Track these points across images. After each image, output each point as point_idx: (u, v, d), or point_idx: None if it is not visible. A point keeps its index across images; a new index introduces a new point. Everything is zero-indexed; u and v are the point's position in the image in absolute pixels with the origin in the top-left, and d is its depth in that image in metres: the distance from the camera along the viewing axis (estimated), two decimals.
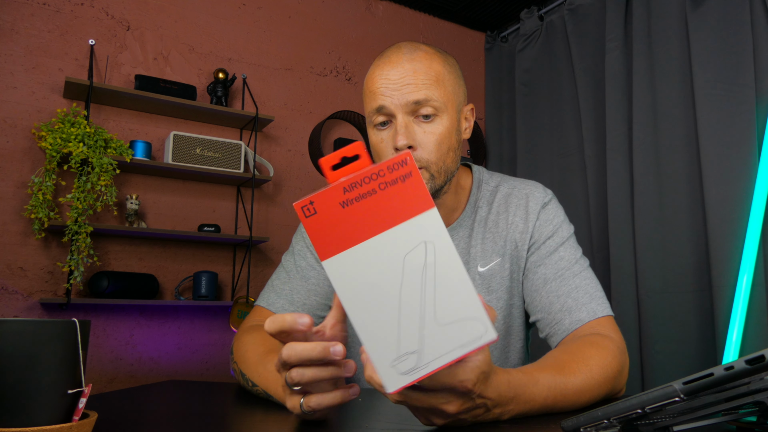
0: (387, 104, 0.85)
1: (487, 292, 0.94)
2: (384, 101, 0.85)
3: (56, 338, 0.49)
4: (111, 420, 0.63)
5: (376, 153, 0.90)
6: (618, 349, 0.81)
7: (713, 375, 0.42)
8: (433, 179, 0.87)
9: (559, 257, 0.92)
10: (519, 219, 0.95)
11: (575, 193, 2.71)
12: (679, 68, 2.27)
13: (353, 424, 0.61)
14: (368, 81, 0.89)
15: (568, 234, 0.95)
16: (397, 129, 0.84)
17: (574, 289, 0.88)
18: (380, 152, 0.88)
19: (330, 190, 0.46)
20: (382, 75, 0.86)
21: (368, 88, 0.88)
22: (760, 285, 1.93)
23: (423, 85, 0.84)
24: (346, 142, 2.89)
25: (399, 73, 0.85)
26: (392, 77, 0.85)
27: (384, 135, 0.87)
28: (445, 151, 0.87)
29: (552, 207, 0.97)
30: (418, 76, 0.84)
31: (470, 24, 3.41)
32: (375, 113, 0.87)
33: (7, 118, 2.19)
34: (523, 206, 0.96)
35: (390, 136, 0.86)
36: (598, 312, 0.86)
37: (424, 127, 0.86)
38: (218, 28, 2.67)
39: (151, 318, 2.39)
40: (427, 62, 0.86)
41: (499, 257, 0.95)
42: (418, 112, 0.85)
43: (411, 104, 0.84)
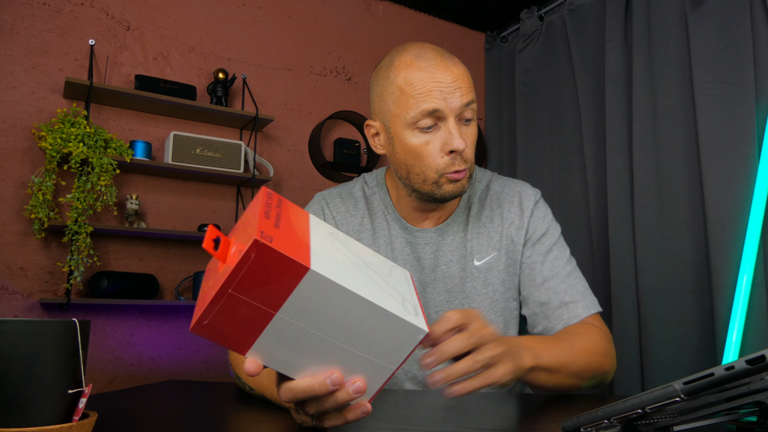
0: (442, 107, 0.86)
1: (483, 285, 0.98)
2: (439, 104, 0.85)
3: (56, 338, 0.49)
4: (111, 420, 0.63)
5: (415, 155, 0.89)
6: (605, 334, 0.93)
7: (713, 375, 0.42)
8: (471, 178, 0.93)
9: (554, 257, 0.98)
10: (514, 215, 1.01)
11: (575, 193, 2.71)
12: (679, 68, 2.27)
13: (353, 423, 0.61)
14: (410, 83, 0.87)
15: (558, 233, 1.02)
16: (453, 132, 0.86)
17: (570, 286, 0.96)
18: (426, 154, 0.88)
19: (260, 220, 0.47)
20: (433, 78, 0.86)
21: (412, 90, 0.87)
22: (760, 285, 1.93)
23: (469, 89, 0.88)
24: (346, 142, 2.89)
25: (450, 77, 0.86)
26: (445, 80, 0.86)
27: (429, 137, 0.88)
28: (475, 152, 0.93)
29: (542, 205, 1.04)
30: (465, 80, 0.88)
31: (470, 24, 3.41)
32: (425, 116, 0.86)
33: (7, 118, 2.19)
34: (516, 203, 1.02)
35: (439, 138, 0.87)
36: (591, 308, 0.95)
37: (465, 129, 0.89)
38: (218, 28, 2.67)
39: (151, 318, 2.39)
40: (465, 67, 0.90)
41: (495, 251, 0.99)
42: (462, 115, 0.88)
43: (462, 108, 0.87)
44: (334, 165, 2.85)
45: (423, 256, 1.00)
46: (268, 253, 0.44)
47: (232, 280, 0.45)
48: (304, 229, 0.52)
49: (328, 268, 0.47)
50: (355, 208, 1.04)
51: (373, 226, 1.02)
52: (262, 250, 0.44)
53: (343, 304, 0.47)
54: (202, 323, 0.46)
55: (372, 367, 0.51)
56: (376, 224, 1.02)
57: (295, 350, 0.49)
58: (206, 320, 0.46)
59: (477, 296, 0.98)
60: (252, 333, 0.47)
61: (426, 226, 1.01)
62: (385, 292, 0.52)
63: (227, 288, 0.45)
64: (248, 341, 0.48)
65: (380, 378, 0.52)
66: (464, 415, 0.70)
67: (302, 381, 0.51)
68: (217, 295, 0.45)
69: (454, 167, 0.88)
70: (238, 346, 0.48)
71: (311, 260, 0.46)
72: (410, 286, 0.59)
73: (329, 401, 0.52)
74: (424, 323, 0.52)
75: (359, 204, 1.04)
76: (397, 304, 0.51)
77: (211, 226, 0.48)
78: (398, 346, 0.51)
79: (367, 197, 1.05)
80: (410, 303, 0.54)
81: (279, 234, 0.47)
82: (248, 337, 0.47)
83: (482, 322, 0.65)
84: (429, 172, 0.89)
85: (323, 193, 1.08)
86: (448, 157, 0.88)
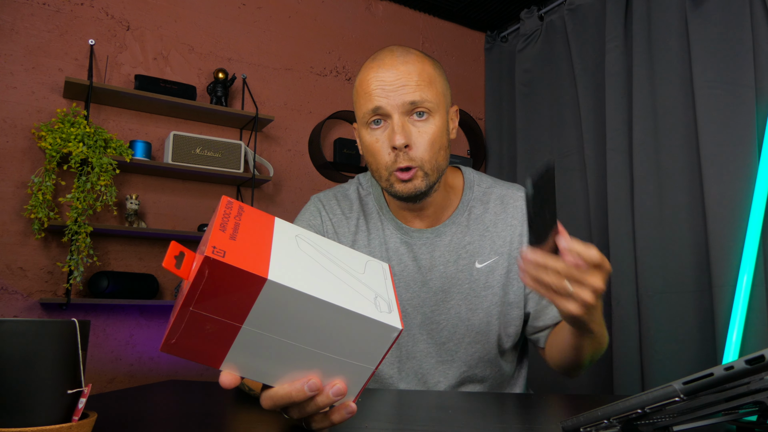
0: (383, 104, 0.89)
1: (484, 287, 0.99)
2: (380, 102, 0.89)
3: (56, 338, 0.49)
4: (111, 420, 0.63)
5: (370, 152, 0.93)
6: None
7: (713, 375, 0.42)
8: (427, 177, 0.91)
9: None
10: (517, 222, 1.02)
11: (575, 193, 2.71)
12: (679, 68, 2.27)
13: (353, 424, 0.61)
14: (361, 83, 0.92)
15: None
16: (395, 128, 0.88)
17: None
18: (375, 151, 0.92)
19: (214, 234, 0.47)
20: (377, 77, 0.89)
21: (362, 90, 0.92)
22: (760, 285, 1.93)
23: (417, 86, 0.88)
24: (346, 142, 2.89)
25: (394, 75, 0.89)
26: (387, 79, 0.89)
27: (378, 134, 0.91)
28: (437, 150, 0.91)
29: None
30: (413, 77, 0.89)
31: (470, 24, 3.41)
32: (370, 114, 0.90)
33: (7, 118, 2.19)
34: (519, 208, 1.03)
35: (386, 135, 0.90)
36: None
37: (418, 126, 0.90)
38: (218, 28, 2.67)
39: (151, 318, 2.39)
40: (420, 64, 0.90)
41: (497, 255, 1.00)
42: (412, 112, 0.89)
43: (407, 104, 0.88)
44: (334, 165, 2.85)
45: (420, 255, 1.00)
46: (221, 269, 0.44)
47: (191, 297, 0.45)
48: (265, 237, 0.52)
49: (289, 275, 0.47)
50: (350, 210, 1.05)
51: (368, 227, 1.03)
52: (214, 266, 0.44)
53: (308, 310, 0.47)
54: (170, 342, 0.47)
55: (350, 368, 0.51)
56: (370, 225, 1.03)
57: (268, 359, 0.49)
58: (173, 339, 0.46)
59: (476, 298, 0.98)
60: (221, 347, 0.47)
61: (419, 226, 1.01)
62: (355, 292, 0.51)
63: (188, 306, 0.45)
64: (219, 355, 0.48)
65: (361, 378, 0.52)
66: (464, 415, 0.70)
67: (280, 388, 0.51)
68: (180, 313, 0.45)
69: (397, 164, 0.90)
70: (211, 360, 0.48)
71: (270, 270, 0.46)
72: (387, 280, 0.58)
73: (310, 406, 0.52)
74: (397, 320, 0.51)
75: (354, 205, 1.05)
76: (368, 304, 0.51)
77: (173, 242, 0.49)
78: (373, 345, 0.51)
79: (362, 198, 1.06)
80: (384, 300, 0.53)
81: (234, 246, 0.47)
82: (218, 351, 0.48)
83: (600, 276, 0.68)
84: (381, 170, 0.92)
85: (319, 196, 1.08)
86: (393, 153, 0.90)
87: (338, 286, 0.50)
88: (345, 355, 0.50)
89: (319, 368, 0.50)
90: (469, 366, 0.99)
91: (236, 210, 0.53)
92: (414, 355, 0.99)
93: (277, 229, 0.55)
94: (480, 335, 0.98)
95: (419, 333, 0.98)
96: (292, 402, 0.51)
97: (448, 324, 0.98)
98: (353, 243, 1.02)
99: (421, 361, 0.99)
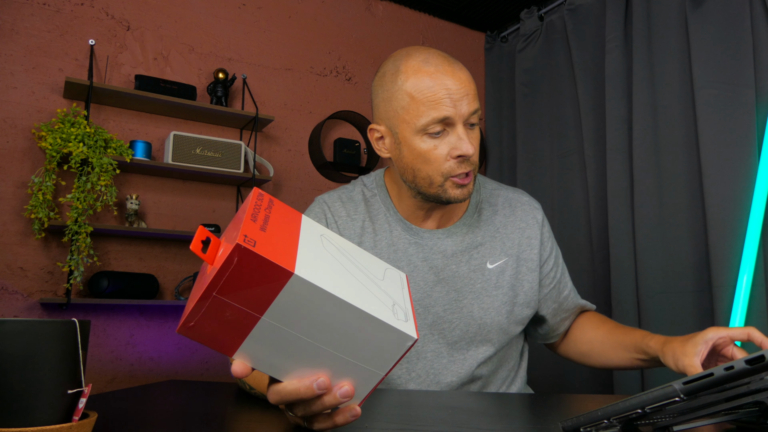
0: (452, 115, 0.88)
1: (494, 287, 1.01)
2: (449, 112, 0.88)
3: (56, 338, 0.49)
4: (111, 420, 0.63)
5: (425, 160, 0.91)
6: None
7: (713, 375, 0.42)
8: (475, 181, 0.98)
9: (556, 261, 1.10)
10: (526, 225, 1.06)
11: (575, 193, 2.71)
12: (679, 68, 2.27)
13: (353, 424, 0.61)
14: (422, 90, 0.88)
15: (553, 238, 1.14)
16: (462, 137, 0.89)
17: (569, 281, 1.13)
18: (434, 159, 0.90)
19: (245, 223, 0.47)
20: (443, 85, 0.88)
21: (424, 98, 0.88)
22: (760, 285, 1.93)
23: (475, 97, 0.91)
24: (346, 142, 2.89)
25: (458, 83, 0.88)
26: (454, 88, 0.88)
27: (438, 143, 0.90)
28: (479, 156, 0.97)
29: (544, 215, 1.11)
30: (472, 86, 0.90)
31: (470, 24, 3.41)
32: (436, 123, 0.88)
33: (7, 118, 2.19)
34: (528, 212, 1.07)
35: (447, 143, 0.89)
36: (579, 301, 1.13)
37: (470, 134, 0.91)
38: (218, 28, 2.67)
39: (151, 318, 2.39)
40: (469, 72, 0.92)
41: (507, 257, 1.02)
42: (469, 120, 0.90)
43: (470, 114, 0.89)
44: (334, 165, 2.85)
45: (431, 256, 1.00)
46: (250, 258, 0.44)
47: (216, 283, 0.45)
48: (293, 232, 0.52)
49: (314, 272, 0.47)
50: (355, 212, 1.04)
51: (375, 228, 1.02)
52: (244, 255, 0.44)
53: (329, 310, 0.47)
54: (188, 325, 0.47)
55: (360, 371, 0.51)
56: (377, 226, 1.03)
57: (282, 353, 0.49)
58: (192, 322, 0.47)
59: (487, 297, 1.00)
60: (238, 336, 0.48)
61: (429, 227, 1.02)
62: (374, 297, 0.51)
63: (212, 291, 0.45)
64: (234, 344, 0.48)
65: (369, 383, 0.52)
66: (464, 415, 0.70)
67: (289, 384, 0.51)
68: (203, 298, 0.46)
69: (461, 170, 0.90)
70: (225, 348, 0.48)
71: (296, 265, 0.47)
72: (404, 289, 0.59)
73: (316, 405, 0.52)
74: (413, 329, 0.51)
75: (359, 207, 1.05)
76: (386, 310, 0.51)
77: (200, 227, 0.48)
78: (387, 352, 0.51)
79: (367, 199, 1.06)
80: (401, 308, 0.53)
81: (264, 238, 0.47)
82: (234, 339, 0.48)
83: None
84: (435, 176, 0.91)
85: (323, 197, 1.08)
86: (454, 161, 0.90)
87: (359, 290, 0.51)
88: (357, 358, 0.50)
89: (330, 368, 0.51)
90: (479, 364, 1.00)
91: (266, 202, 0.54)
92: (424, 355, 0.99)
93: (303, 226, 0.55)
94: (491, 334, 1.00)
95: (430, 333, 0.99)
96: (299, 398, 0.51)
97: (461, 323, 0.99)
98: (359, 245, 1.02)
99: (432, 361, 0.99)
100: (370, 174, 1.09)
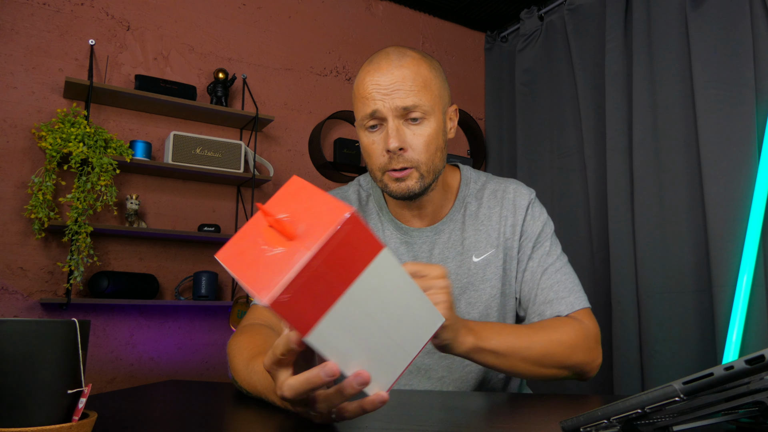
0: (379, 108, 0.90)
1: (482, 281, 1.00)
2: (376, 105, 0.90)
3: (56, 338, 0.49)
4: (111, 420, 0.63)
5: (367, 154, 0.95)
6: (582, 327, 0.92)
7: (713, 375, 0.42)
8: (423, 178, 0.93)
9: (544, 251, 1.01)
10: (509, 213, 1.03)
11: (575, 193, 2.71)
12: (679, 68, 2.27)
13: (353, 423, 0.61)
14: (358, 86, 0.94)
15: (551, 230, 1.04)
16: (389, 132, 0.90)
17: (557, 282, 0.98)
18: (372, 153, 0.94)
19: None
20: (372, 81, 0.91)
21: (359, 93, 0.93)
22: (760, 285, 1.93)
23: (411, 92, 0.90)
24: (346, 142, 2.89)
25: (389, 79, 0.90)
26: (383, 83, 0.90)
27: (375, 137, 0.93)
28: (434, 152, 0.93)
29: (537, 204, 1.06)
30: (407, 82, 0.90)
31: (470, 24, 3.41)
32: (367, 118, 0.92)
33: (7, 118, 2.19)
34: (510, 201, 1.04)
35: (381, 138, 0.92)
36: (575, 305, 0.96)
37: (413, 129, 0.91)
38: (218, 28, 2.67)
39: (151, 318, 2.39)
40: (415, 68, 0.91)
41: (493, 248, 1.01)
42: (407, 116, 0.91)
43: (401, 109, 0.90)
44: (334, 165, 2.85)
45: (419, 255, 1.02)
46: (357, 227, 0.46)
47: (321, 255, 0.45)
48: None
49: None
50: None
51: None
52: (352, 224, 0.45)
53: (397, 287, 0.50)
54: (282, 299, 0.45)
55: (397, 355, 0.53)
56: (370, 226, 1.03)
57: (352, 337, 0.49)
58: (289, 294, 0.45)
59: (475, 291, 1.00)
60: (319, 311, 0.47)
61: (419, 225, 1.03)
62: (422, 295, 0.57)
63: (316, 262, 0.45)
64: (313, 319, 0.47)
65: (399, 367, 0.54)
66: (464, 414, 0.70)
67: (299, 376, 0.52)
68: (305, 269, 0.44)
69: (391, 165, 0.92)
70: (303, 323, 0.46)
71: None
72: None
73: (336, 396, 0.53)
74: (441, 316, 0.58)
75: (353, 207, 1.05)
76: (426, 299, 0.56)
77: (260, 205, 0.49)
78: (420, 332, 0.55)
79: (362, 200, 1.08)
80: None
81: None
82: (314, 314, 0.46)
83: (442, 283, 0.71)
84: (375, 170, 0.94)
85: None
86: (387, 156, 0.92)
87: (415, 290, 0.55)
88: (401, 339, 0.53)
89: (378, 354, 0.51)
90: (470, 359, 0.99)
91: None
92: None
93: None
94: None
95: None
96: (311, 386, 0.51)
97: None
98: None
99: (422, 356, 0.99)
100: (367, 174, 1.10)
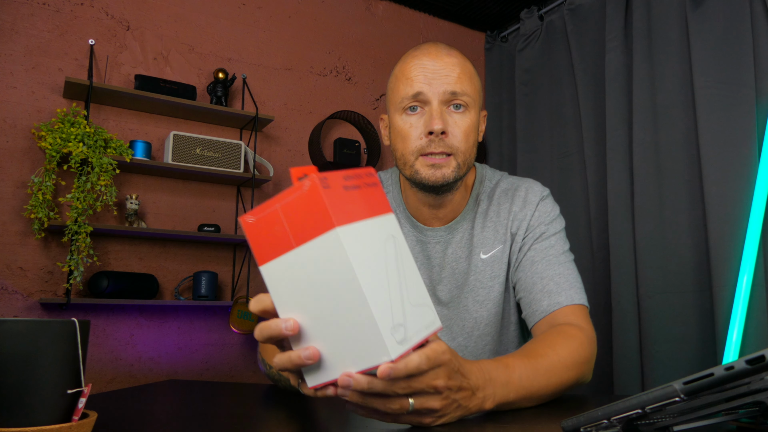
0: (424, 90, 0.89)
1: (490, 278, 0.99)
2: (422, 88, 0.89)
3: (56, 338, 0.49)
4: (111, 420, 0.63)
5: (401, 137, 0.93)
6: (587, 338, 0.85)
7: (713, 375, 0.42)
8: (459, 168, 0.92)
9: (549, 244, 0.97)
10: (517, 208, 1.01)
11: (575, 193, 2.71)
12: (679, 68, 2.27)
13: (353, 424, 0.61)
14: (403, 68, 0.93)
15: (560, 227, 1.01)
16: (433, 114, 0.89)
17: (558, 274, 0.93)
18: (407, 136, 0.91)
19: (337, 173, 0.51)
20: (420, 64, 0.91)
21: (403, 75, 0.92)
22: (760, 285, 1.93)
23: (459, 79, 0.90)
24: (346, 141, 2.89)
25: (438, 64, 0.90)
26: (431, 67, 0.90)
27: (414, 120, 0.91)
28: (471, 144, 0.93)
29: (549, 201, 1.03)
30: (455, 69, 0.91)
31: (470, 24, 3.41)
32: (409, 99, 0.90)
33: (7, 118, 2.19)
34: (521, 197, 1.01)
35: (422, 121, 0.90)
36: (575, 299, 0.91)
37: (455, 117, 0.91)
38: (218, 28, 2.67)
39: (150, 318, 2.39)
40: (463, 60, 0.93)
41: (501, 244, 1.00)
42: (451, 102, 0.90)
43: (448, 93, 0.89)
44: (334, 165, 2.85)
45: (432, 254, 1.02)
46: (315, 195, 0.49)
47: (283, 197, 0.50)
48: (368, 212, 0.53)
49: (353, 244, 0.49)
50: None
51: None
52: (313, 190, 0.49)
53: (341, 279, 0.49)
54: (247, 219, 0.52)
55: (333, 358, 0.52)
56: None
57: (290, 291, 0.52)
58: (253, 218, 0.52)
59: (483, 289, 1.00)
60: (273, 252, 0.52)
61: (433, 224, 1.02)
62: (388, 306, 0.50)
63: (276, 202, 0.51)
64: (267, 257, 0.52)
65: (333, 372, 0.52)
66: None
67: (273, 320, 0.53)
68: (269, 203, 0.51)
69: (429, 149, 0.89)
70: (260, 255, 0.53)
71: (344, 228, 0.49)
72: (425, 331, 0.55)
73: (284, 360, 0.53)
74: (396, 351, 0.49)
75: None
76: (388, 321, 0.49)
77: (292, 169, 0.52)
78: (361, 354, 0.50)
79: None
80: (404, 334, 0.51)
81: (339, 193, 0.50)
82: (269, 253, 0.52)
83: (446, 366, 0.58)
84: (408, 155, 0.92)
85: None
86: (426, 138, 0.90)
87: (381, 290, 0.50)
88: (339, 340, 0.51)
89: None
90: (477, 358, 1.00)
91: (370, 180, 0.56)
92: None
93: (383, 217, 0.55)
94: (488, 327, 1.00)
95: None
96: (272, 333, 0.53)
97: (458, 318, 1.00)
98: None
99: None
100: (388, 170, 1.11)
